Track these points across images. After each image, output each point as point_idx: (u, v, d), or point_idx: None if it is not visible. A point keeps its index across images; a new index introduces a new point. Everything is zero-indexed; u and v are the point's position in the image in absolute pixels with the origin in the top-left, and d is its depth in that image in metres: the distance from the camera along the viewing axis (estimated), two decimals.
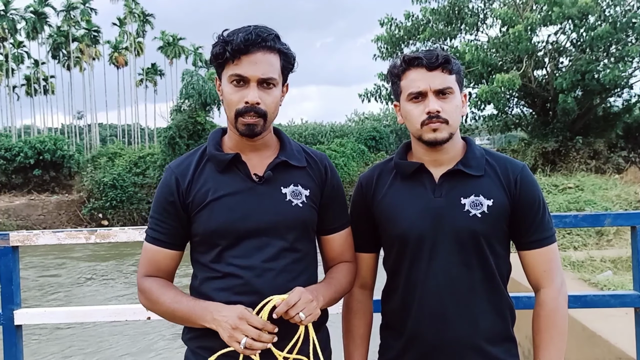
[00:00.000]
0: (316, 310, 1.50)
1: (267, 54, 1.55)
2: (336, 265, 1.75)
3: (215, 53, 1.57)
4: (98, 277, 16.44)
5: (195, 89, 28.90)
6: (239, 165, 1.62)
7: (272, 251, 1.57)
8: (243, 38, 1.52)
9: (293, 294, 1.49)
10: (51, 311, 2.48)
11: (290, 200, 1.62)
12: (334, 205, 1.73)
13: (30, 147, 31.29)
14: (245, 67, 1.53)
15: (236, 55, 1.53)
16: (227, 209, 1.58)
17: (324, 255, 1.78)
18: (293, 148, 1.70)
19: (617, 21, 17.56)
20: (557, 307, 1.63)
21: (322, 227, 1.72)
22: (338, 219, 1.74)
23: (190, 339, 1.64)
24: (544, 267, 1.65)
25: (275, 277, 1.56)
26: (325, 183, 1.71)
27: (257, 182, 1.61)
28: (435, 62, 1.60)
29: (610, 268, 6.73)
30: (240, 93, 1.55)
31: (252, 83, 1.54)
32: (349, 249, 1.77)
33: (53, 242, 2.41)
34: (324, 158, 1.75)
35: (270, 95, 1.57)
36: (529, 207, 1.64)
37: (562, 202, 10.65)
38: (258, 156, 1.65)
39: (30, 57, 60.77)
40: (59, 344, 9.52)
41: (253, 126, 1.56)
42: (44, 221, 28.74)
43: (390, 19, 20.67)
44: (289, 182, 1.64)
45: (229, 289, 1.56)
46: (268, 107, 1.57)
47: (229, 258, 1.57)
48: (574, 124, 19.54)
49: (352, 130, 40.74)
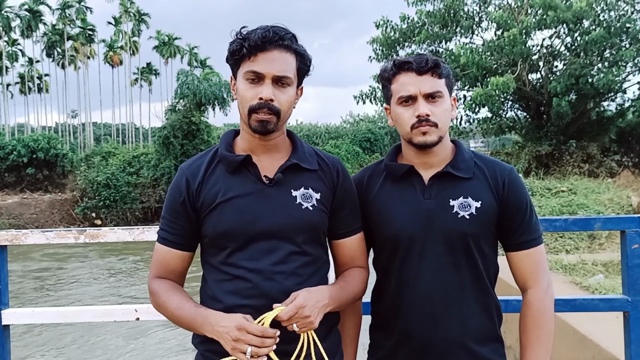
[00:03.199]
0: (311, 325, 1.48)
1: (283, 52, 1.55)
2: (349, 270, 1.73)
3: (232, 49, 1.56)
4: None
5: (190, 89, 28.82)
6: (250, 166, 1.60)
7: (281, 254, 1.56)
8: (261, 35, 1.52)
9: (292, 304, 1.47)
10: (40, 311, 2.46)
11: (301, 203, 1.60)
12: (345, 210, 1.70)
13: (24, 146, 31.11)
14: (261, 64, 1.53)
15: (253, 52, 1.53)
16: (237, 211, 1.56)
17: (336, 260, 1.76)
18: (305, 151, 1.68)
19: (611, 26, 17.66)
20: (544, 308, 1.66)
21: (333, 232, 1.70)
22: (349, 224, 1.72)
23: (199, 342, 1.63)
24: (530, 268, 1.68)
25: (284, 280, 1.54)
26: (337, 187, 1.68)
27: (267, 184, 1.60)
28: (425, 66, 1.62)
29: (602, 271, 6.75)
30: (254, 90, 1.54)
31: (267, 80, 1.53)
32: (361, 255, 1.75)
33: (42, 241, 2.39)
34: (336, 162, 1.73)
35: (284, 93, 1.56)
36: (516, 209, 1.67)
37: (554, 205, 10.69)
38: (269, 158, 1.63)
39: (25, 55, 60.60)
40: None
41: (266, 123, 1.54)
42: (36, 220, 28.60)
43: (386, 21, 20.72)
44: (299, 185, 1.62)
45: (238, 292, 1.54)
46: (282, 106, 1.56)
47: (238, 260, 1.56)
48: (567, 128, 19.63)
49: (346, 131, 40.76)
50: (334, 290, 1.60)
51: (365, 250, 1.77)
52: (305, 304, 1.46)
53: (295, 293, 1.50)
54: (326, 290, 1.57)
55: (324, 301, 1.52)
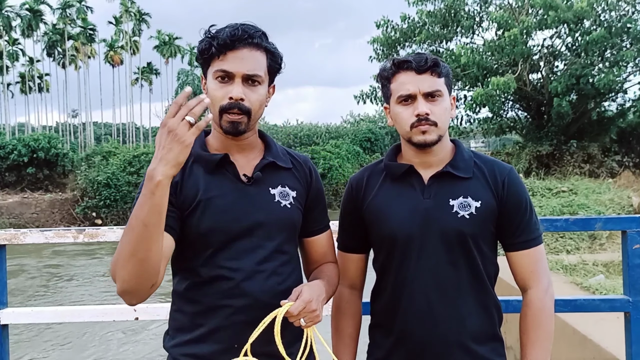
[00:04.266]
0: (317, 318, 1.48)
1: (253, 50, 1.53)
2: (325, 265, 1.75)
3: (201, 49, 1.55)
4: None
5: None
6: (227, 166, 1.59)
7: (263, 253, 1.55)
8: (229, 33, 1.50)
9: (300, 299, 1.45)
10: (38, 311, 2.46)
11: (279, 201, 1.60)
12: (319, 207, 1.74)
13: (24, 145, 31.14)
14: (231, 63, 1.51)
15: (222, 51, 1.51)
16: (218, 211, 1.54)
17: (307, 258, 1.77)
18: (278, 149, 1.69)
19: (612, 26, 17.67)
20: (544, 307, 1.65)
21: (306, 229, 1.71)
22: (321, 221, 1.75)
23: (174, 345, 1.57)
24: (530, 267, 1.67)
25: (265, 279, 1.54)
26: (311, 185, 1.71)
27: (246, 182, 1.59)
28: (424, 65, 1.61)
29: (602, 272, 6.75)
30: (224, 89, 1.52)
31: (236, 79, 1.52)
32: (332, 251, 1.79)
33: (41, 240, 2.39)
34: (307, 160, 1.75)
35: (255, 92, 1.54)
36: (516, 208, 1.66)
37: (555, 205, 10.68)
38: (244, 157, 1.62)
39: (25, 55, 60.63)
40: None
41: (237, 124, 1.53)
42: (37, 219, 28.62)
43: (387, 21, 20.72)
44: (276, 183, 1.62)
45: (219, 292, 1.53)
46: (252, 105, 1.54)
47: (220, 260, 1.54)
48: (568, 128, 19.63)
49: (347, 131, 40.87)
50: (325, 285, 1.61)
51: (334, 246, 1.81)
52: (311, 298, 1.46)
53: (297, 289, 1.49)
54: (321, 284, 1.57)
55: (322, 295, 1.54)
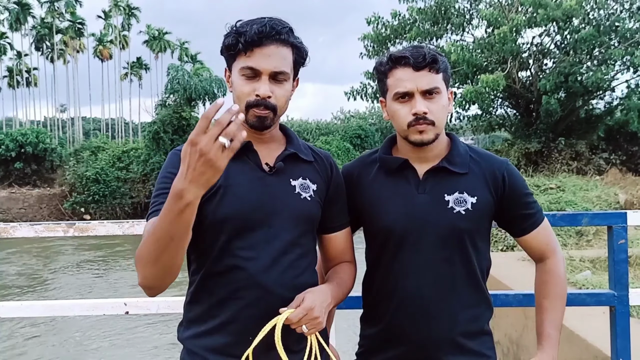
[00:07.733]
0: (320, 325, 1.46)
1: (280, 47, 1.52)
2: (340, 266, 1.72)
3: (227, 44, 1.53)
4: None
5: (180, 84, 28.71)
6: (250, 154, 1.57)
7: (279, 245, 1.52)
8: (257, 30, 1.48)
9: (301, 307, 1.43)
10: (28, 305, 2.45)
11: (299, 193, 1.58)
12: (338, 203, 1.70)
13: (12, 140, 30.86)
14: (258, 60, 1.50)
15: (249, 48, 1.49)
16: (237, 198, 1.52)
17: (325, 255, 1.75)
18: (300, 143, 1.68)
19: (600, 24, 17.80)
20: (562, 273, 1.74)
21: (324, 225, 1.69)
22: (340, 218, 1.71)
23: (189, 337, 1.55)
24: (545, 240, 1.73)
25: (282, 273, 1.51)
26: (331, 180, 1.68)
27: (268, 172, 1.57)
28: (422, 62, 1.58)
29: (589, 268, 6.81)
30: (251, 85, 1.51)
31: (263, 76, 1.51)
32: (350, 249, 1.75)
33: (30, 235, 2.38)
34: (328, 156, 1.73)
35: (281, 89, 1.54)
36: (518, 199, 1.68)
37: (543, 202, 10.76)
38: (266, 148, 1.61)
39: (13, 49, 59.93)
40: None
41: (264, 118, 1.52)
42: (24, 215, 28.40)
43: (377, 18, 20.73)
44: (297, 175, 1.60)
45: (233, 283, 1.50)
46: (279, 101, 1.54)
47: (234, 249, 1.51)
48: (556, 126, 19.76)
49: (337, 128, 40.82)
50: (333, 289, 1.58)
51: (353, 244, 1.77)
52: (314, 305, 1.44)
53: (300, 295, 1.47)
54: (327, 289, 1.55)
55: (327, 301, 1.51)
